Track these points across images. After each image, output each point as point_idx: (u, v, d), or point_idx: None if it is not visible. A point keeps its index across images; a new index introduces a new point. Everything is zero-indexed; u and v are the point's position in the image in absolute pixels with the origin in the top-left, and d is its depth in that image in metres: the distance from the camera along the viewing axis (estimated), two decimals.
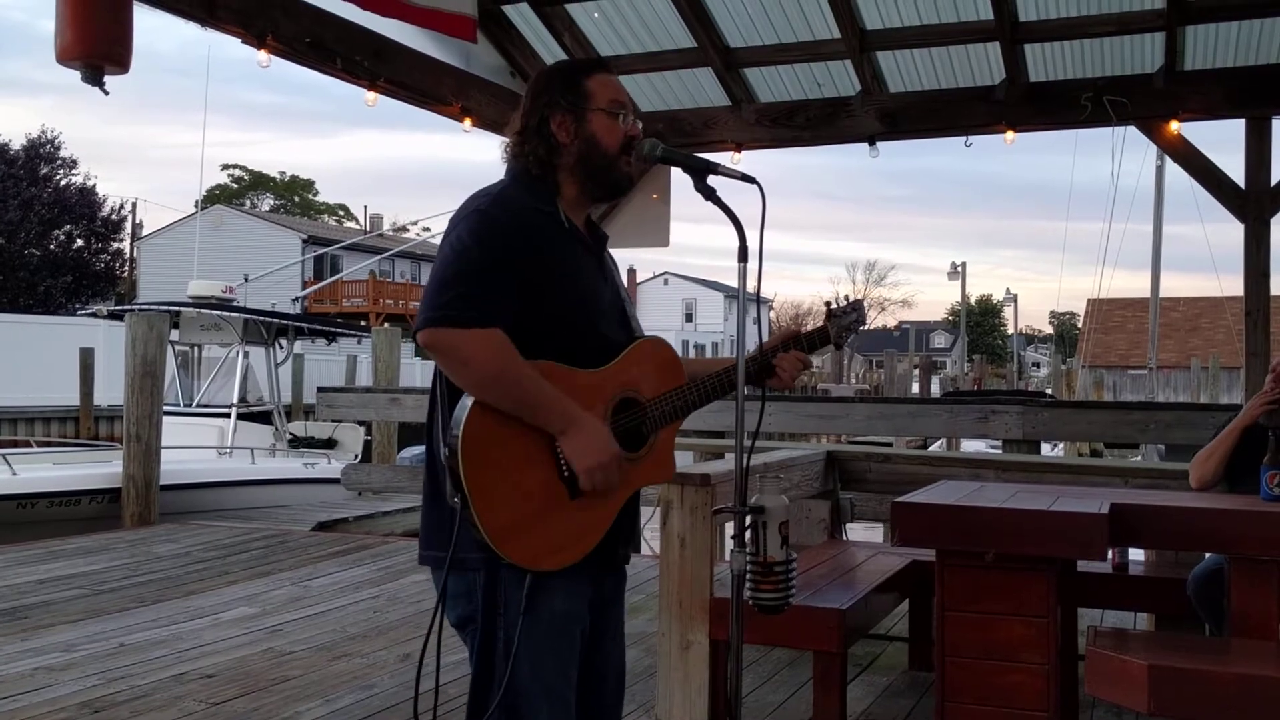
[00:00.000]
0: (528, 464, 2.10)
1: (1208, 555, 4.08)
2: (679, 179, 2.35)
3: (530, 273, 2.14)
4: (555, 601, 2.16)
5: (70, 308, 32.61)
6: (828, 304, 2.48)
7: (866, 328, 2.62)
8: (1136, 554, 4.57)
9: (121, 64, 4.65)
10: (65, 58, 4.58)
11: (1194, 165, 6.84)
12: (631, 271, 59.83)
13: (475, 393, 2.07)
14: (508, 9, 7.35)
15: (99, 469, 10.38)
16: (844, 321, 2.48)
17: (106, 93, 4.72)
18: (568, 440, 2.11)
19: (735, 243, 2.17)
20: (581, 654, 2.26)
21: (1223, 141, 7.47)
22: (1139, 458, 16.36)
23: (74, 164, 36.25)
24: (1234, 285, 7.22)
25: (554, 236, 2.21)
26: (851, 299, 2.54)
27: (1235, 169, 6.73)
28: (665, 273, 62.49)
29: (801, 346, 2.42)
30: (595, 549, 2.18)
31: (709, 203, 2.24)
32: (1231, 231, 6.77)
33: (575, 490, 2.13)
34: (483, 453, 2.06)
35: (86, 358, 21.13)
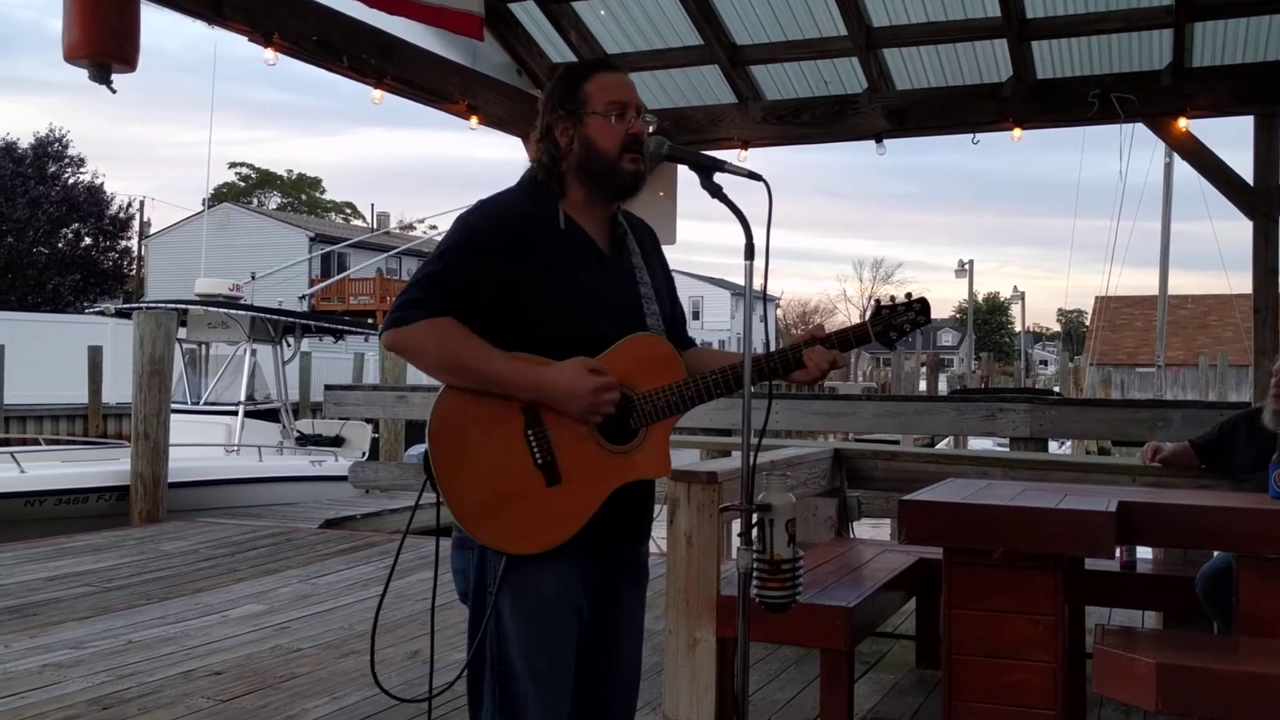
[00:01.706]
0: (498, 450, 2.19)
1: (1216, 553, 4.08)
2: (685, 176, 2.36)
3: (503, 266, 2.20)
4: (543, 585, 2.20)
5: (78, 306, 32.72)
6: (878, 301, 2.36)
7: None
8: (1144, 552, 4.57)
9: (128, 62, 4.67)
10: (72, 56, 4.59)
11: (1202, 162, 6.83)
12: None
13: (439, 378, 2.22)
14: (514, 7, 7.35)
15: (107, 466, 10.41)
16: (895, 320, 2.34)
17: (114, 91, 4.73)
18: (547, 397, 2.18)
19: (742, 240, 2.17)
20: (588, 644, 2.28)
21: (1231, 138, 7.46)
22: None
23: (82, 162, 36.41)
24: (1242, 283, 7.23)
25: (543, 238, 2.26)
26: (915, 296, 2.37)
27: (1244, 166, 6.72)
28: (672, 270, 62.42)
29: (832, 344, 2.32)
30: (588, 537, 2.20)
31: (716, 200, 2.24)
32: (1240, 229, 6.76)
33: (552, 477, 2.18)
34: (450, 440, 2.18)
35: (94, 356, 21.19)
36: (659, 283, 2.44)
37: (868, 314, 2.39)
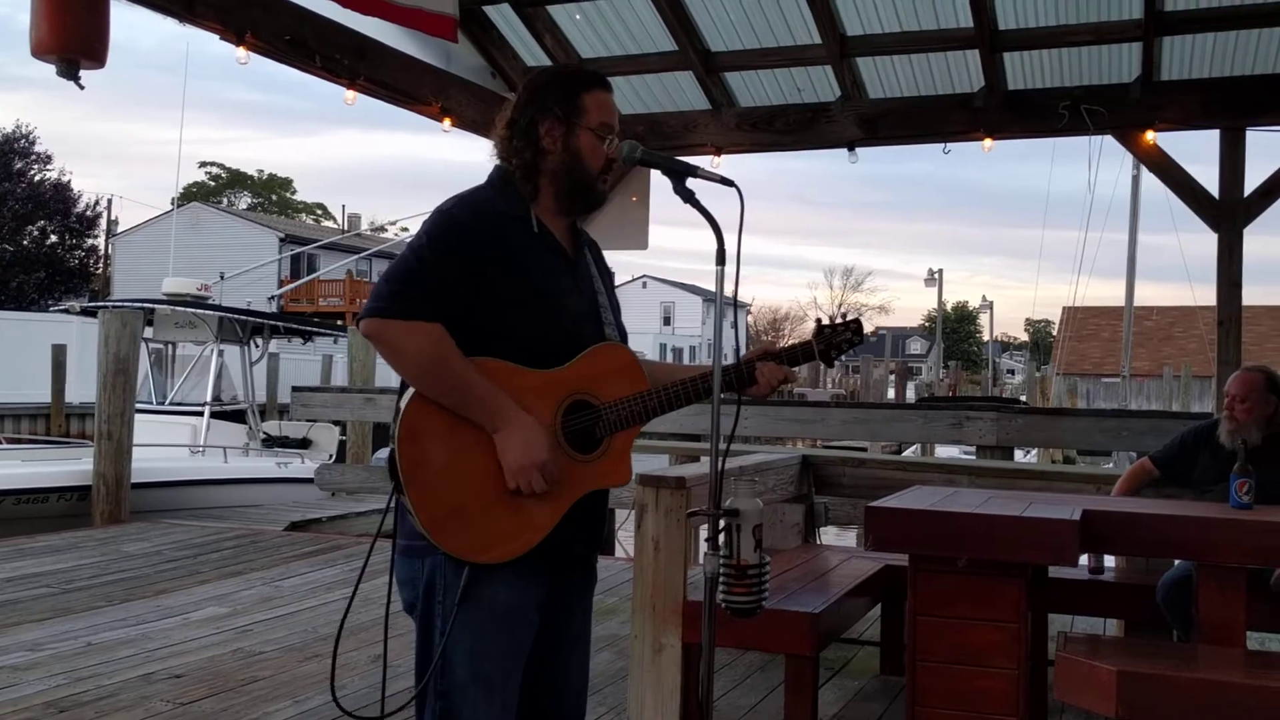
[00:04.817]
0: (469, 457, 2.15)
1: (1177, 562, 4.12)
2: (658, 182, 2.36)
3: (484, 271, 2.18)
4: (497, 594, 2.18)
5: (43, 304, 32.33)
6: (818, 320, 2.44)
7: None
8: (1107, 560, 4.61)
9: (97, 58, 4.61)
10: (40, 51, 4.54)
11: (1169, 175, 6.90)
12: (610, 274, 59.73)
13: (411, 382, 2.17)
14: (489, 9, 7.33)
15: (69, 466, 10.28)
16: (834, 339, 2.41)
17: (82, 87, 4.68)
18: (500, 438, 2.16)
19: (714, 246, 2.17)
20: (536, 655, 2.27)
21: (1198, 152, 7.55)
22: (1111, 465, 16.48)
23: (49, 159, 36.04)
24: (1207, 295, 7.29)
25: (517, 239, 2.24)
26: (850, 316, 2.48)
27: (1210, 179, 6.80)
28: (644, 276, 62.51)
29: (783, 361, 2.39)
30: (547, 547, 2.20)
31: (688, 205, 2.24)
32: (1205, 241, 6.84)
33: None
34: (420, 445, 2.14)
35: (58, 354, 20.94)
36: (610, 294, 2.45)
37: (811, 333, 2.45)
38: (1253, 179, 6.71)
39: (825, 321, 2.44)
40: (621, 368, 2.31)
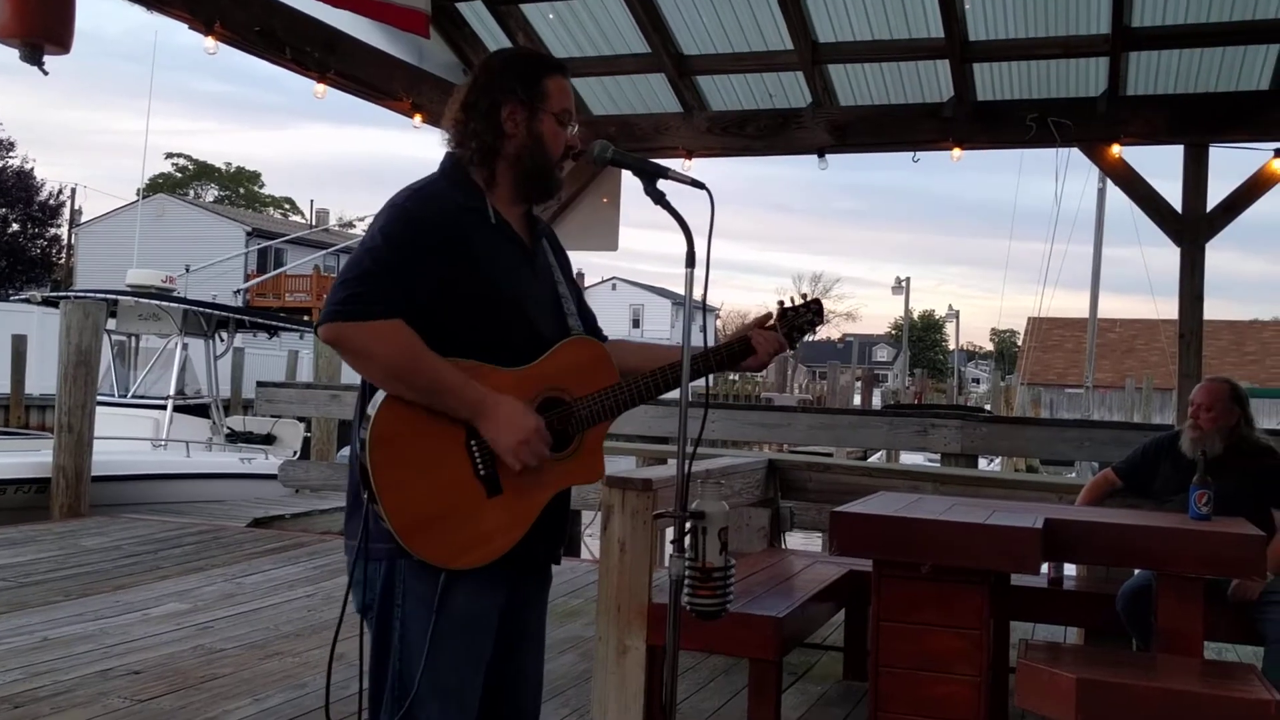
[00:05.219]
0: (439, 461, 2.11)
1: (1137, 571, 4.17)
2: (629, 183, 2.35)
3: (444, 265, 2.13)
4: (458, 599, 2.13)
5: (3, 293, 31.86)
6: (780, 302, 2.45)
7: (813, 339, 2.57)
8: (1069, 569, 4.65)
9: (62, 44, 4.56)
10: (3, 35, 4.48)
11: (1134, 189, 6.98)
12: (580, 276, 59.72)
13: (381, 384, 2.10)
14: (462, 6, 7.31)
15: (28, 458, 10.12)
16: (797, 321, 2.44)
17: (45, 73, 4.62)
18: (483, 425, 2.11)
19: (684, 249, 2.16)
20: (494, 656, 2.24)
21: (1162, 168, 7.64)
22: (1074, 474, 16.64)
23: (11, 146, 35.54)
24: (1169, 308, 7.38)
25: (476, 231, 2.19)
26: (809, 298, 2.49)
27: (1173, 194, 6.89)
28: (613, 278, 62.45)
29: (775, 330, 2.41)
30: (515, 550, 2.16)
31: (658, 207, 2.23)
32: (1168, 255, 6.92)
33: (493, 488, 2.13)
34: (391, 450, 2.07)
35: (19, 345, 20.66)
36: (570, 281, 2.42)
37: (774, 316, 2.46)
38: (1215, 194, 6.81)
39: (787, 304, 2.45)
40: (592, 361, 2.28)
